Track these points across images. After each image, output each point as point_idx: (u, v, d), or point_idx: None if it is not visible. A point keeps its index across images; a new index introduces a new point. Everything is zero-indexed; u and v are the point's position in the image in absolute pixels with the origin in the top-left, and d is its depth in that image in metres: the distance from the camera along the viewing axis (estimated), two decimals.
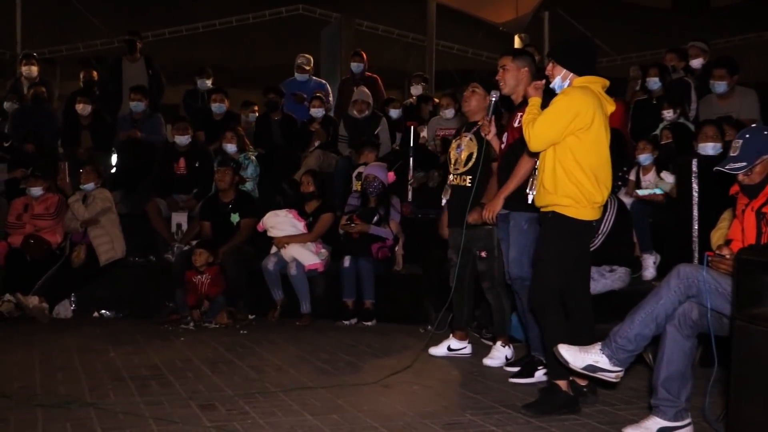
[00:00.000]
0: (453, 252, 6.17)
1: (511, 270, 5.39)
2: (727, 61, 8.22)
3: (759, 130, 4.17)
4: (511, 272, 5.38)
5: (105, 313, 8.37)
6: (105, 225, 8.44)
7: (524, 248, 5.23)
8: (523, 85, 5.30)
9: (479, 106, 5.91)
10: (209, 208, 8.59)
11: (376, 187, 8.06)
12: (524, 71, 5.39)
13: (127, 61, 10.92)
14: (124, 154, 10.13)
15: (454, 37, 19.80)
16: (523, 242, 5.26)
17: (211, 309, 7.78)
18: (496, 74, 5.42)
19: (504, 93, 5.44)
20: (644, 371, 5.13)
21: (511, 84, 5.39)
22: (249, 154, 9.42)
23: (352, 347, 6.67)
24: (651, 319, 4.07)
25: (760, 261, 3.54)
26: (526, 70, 5.40)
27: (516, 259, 5.31)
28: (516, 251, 5.32)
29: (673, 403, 4.03)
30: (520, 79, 5.37)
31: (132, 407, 4.70)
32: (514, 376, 5.44)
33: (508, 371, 5.64)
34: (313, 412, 4.59)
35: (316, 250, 8.06)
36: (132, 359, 6.14)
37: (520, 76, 5.38)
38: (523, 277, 5.21)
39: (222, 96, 10.26)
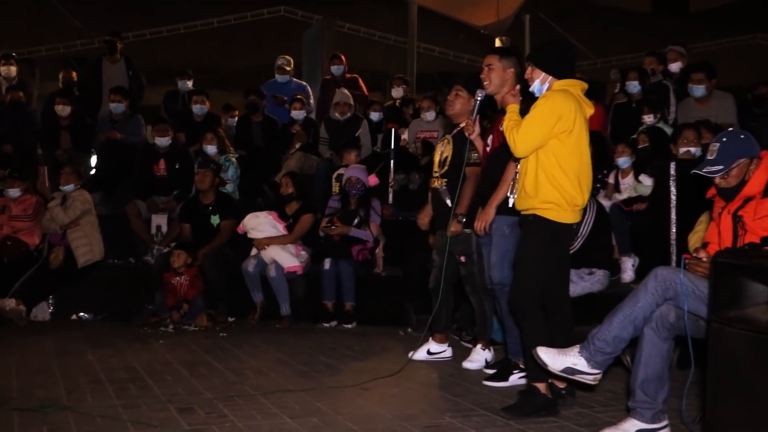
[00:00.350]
0: (436, 254, 6.18)
1: (492, 274, 5.35)
2: (705, 65, 8.28)
3: (736, 134, 4.20)
4: (493, 277, 5.34)
5: (83, 315, 8.33)
6: (84, 227, 8.39)
7: (506, 253, 5.18)
8: (508, 87, 5.21)
9: (463, 109, 5.86)
10: (189, 209, 8.56)
11: (359, 189, 8.06)
12: (510, 72, 5.29)
13: (108, 62, 10.87)
14: (103, 156, 10.07)
15: (436, 40, 19.85)
16: (505, 247, 5.21)
17: (190, 311, 7.76)
18: (480, 73, 5.37)
19: (488, 92, 5.33)
20: (622, 373, 5.16)
21: (496, 83, 5.26)
22: (229, 156, 9.40)
23: (332, 350, 6.67)
24: (629, 321, 4.08)
25: (735, 264, 3.56)
26: (512, 71, 5.29)
27: (497, 263, 5.27)
28: (497, 256, 5.28)
29: (651, 405, 4.05)
30: (506, 80, 5.27)
31: (110, 410, 4.67)
32: (488, 379, 5.45)
33: (487, 374, 5.64)
34: (293, 415, 4.58)
35: (296, 252, 8.05)
36: (110, 362, 6.11)
37: (505, 76, 5.27)
38: (504, 283, 5.17)
39: (203, 97, 10.23)
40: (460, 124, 5.82)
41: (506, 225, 5.22)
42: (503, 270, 5.19)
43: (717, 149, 4.09)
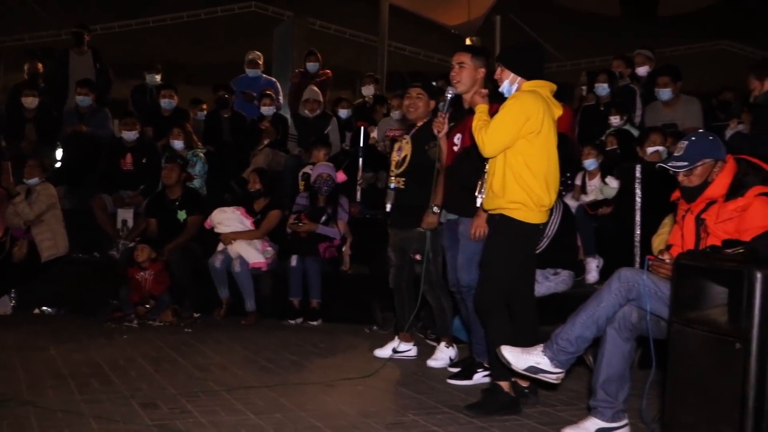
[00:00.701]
0: (391, 252, 6.20)
1: (459, 276, 5.33)
2: (670, 69, 8.36)
3: (705, 134, 4.25)
4: (460, 279, 5.32)
5: (46, 309, 8.25)
6: (48, 221, 8.31)
7: (473, 255, 5.15)
8: (478, 86, 5.20)
9: (425, 111, 5.90)
10: (156, 204, 8.51)
11: (330, 185, 8.06)
12: (481, 72, 5.28)
13: (74, 54, 10.77)
14: (69, 149, 9.99)
15: (407, 39, 19.88)
16: (473, 249, 5.17)
17: (155, 307, 7.71)
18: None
19: (459, 92, 5.30)
20: (585, 373, 5.20)
21: (467, 83, 5.25)
22: (197, 152, 9.36)
23: (298, 347, 6.66)
24: (592, 321, 4.12)
25: (697, 266, 3.61)
26: (483, 71, 5.29)
27: (464, 265, 5.27)
28: (465, 258, 5.27)
29: (611, 405, 4.10)
30: (477, 80, 5.26)
31: (71, 406, 4.63)
32: (452, 377, 5.46)
33: (451, 372, 5.66)
34: (257, 411, 4.58)
35: (262, 248, 8.03)
36: (73, 357, 6.06)
37: (476, 75, 5.27)
38: (472, 285, 5.13)
39: (171, 92, 10.17)
40: (418, 124, 5.85)
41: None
42: (471, 272, 5.18)
43: (684, 147, 4.15)
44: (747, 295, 3.27)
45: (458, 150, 5.42)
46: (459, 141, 5.42)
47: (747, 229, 3.91)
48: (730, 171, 4.12)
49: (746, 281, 3.28)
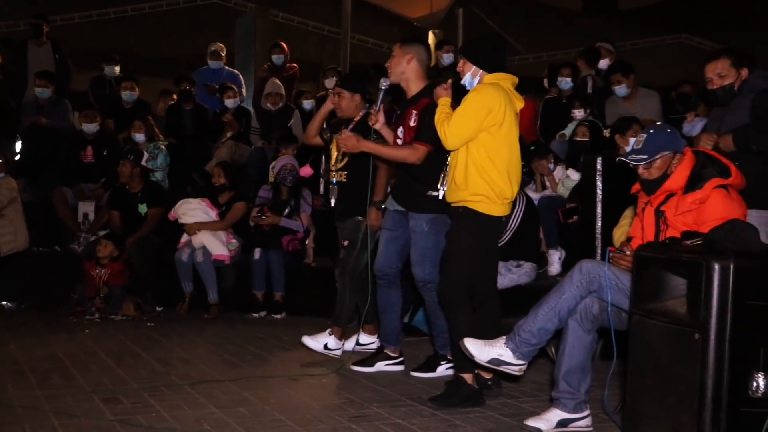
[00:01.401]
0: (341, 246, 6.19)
1: (414, 272, 5.29)
2: (620, 66, 8.44)
3: (663, 127, 4.30)
4: (415, 274, 5.29)
5: (6, 304, 8.15)
6: (9, 215, 8.18)
7: (426, 250, 5.17)
8: (411, 75, 5.22)
9: (350, 106, 5.92)
10: (117, 197, 8.45)
11: (294, 176, 8.05)
12: (409, 58, 5.21)
13: (33, 45, 10.61)
14: (28, 141, 9.86)
15: (370, 31, 19.83)
16: (425, 244, 5.18)
17: (112, 299, 7.63)
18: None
19: (391, 81, 5.27)
20: (547, 364, 5.24)
21: (396, 71, 5.23)
22: (158, 144, 9.29)
23: (261, 340, 6.65)
24: (554, 313, 4.15)
25: (656, 258, 3.66)
26: (411, 56, 5.21)
27: (418, 261, 5.24)
28: (417, 253, 5.24)
29: (573, 396, 4.14)
30: (406, 67, 5.22)
31: (31, 401, 4.59)
32: (415, 370, 5.46)
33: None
34: (219, 405, 4.56)
35: (226, 240, 8.00)
36: (33, 351, 6.00)
37: (404, 63, 5.22)
38: (427, 280, 5.16)
39: (132, 84, 10.08)
40: (355, 118, 5.86)
41: (425, 222, 5.18)
42: (425, 267, 5.18)
43: (643, 140, 4.19)
44: (705, 285, 3.32)
45: (402, 143, 5.32)
46: (402, 134, 5.33)
47: (705, 221, 3.96)
48: (688, 163, 4.17)
49: (704, 272, 3.33)
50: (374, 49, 20.35)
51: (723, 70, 4.97)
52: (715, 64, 5.00)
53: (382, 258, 5.44)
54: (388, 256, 5.42)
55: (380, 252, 5.46)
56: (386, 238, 5.45)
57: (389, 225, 5.44)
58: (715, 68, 4.99)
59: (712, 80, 5.02)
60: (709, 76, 5.01)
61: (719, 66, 4.99)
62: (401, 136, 5.34)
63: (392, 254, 5.43)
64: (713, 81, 5.02)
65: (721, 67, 4.97)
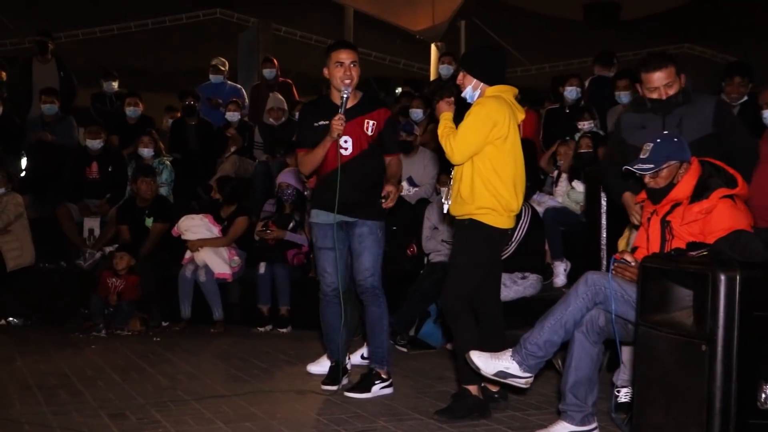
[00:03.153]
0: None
1: (364, 280, 5.21)
2: (628, 72, 8.42)
3: (670, 137, 4.30)
4: (366, 282, 5.21)
5: (12, 320, 8.15)
6: (15, 230, 8.21)
7: (378, 257, 5.19)
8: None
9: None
10: (126, 211, 8.49)
11: (290, 194, 8.06)
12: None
13: (38, 63, 10.66)
14: (34, 158, 9.90)
15: (372, 45, 19.86)
16: (377, 251, 5.19)
17: (119, 315, 7.63)
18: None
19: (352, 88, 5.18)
20: (554, 377, 5.23)
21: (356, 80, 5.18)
22: (164, 159, 9.31)
23: (267, 354, 6.65)
24: (560, 325, 4.15)
25: (662, 269, 3.66)
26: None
27: (370, 269, 5.19)
28: (371, 261, 5.19)
29: (581, 408, 4.13)
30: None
31: (39, 417, 4.59)
32: (350, 390, 5.28)
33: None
34: (226, 420, 4.56)
35: (229, 256, 8.01)
36: (40, 367, 6.00)
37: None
38: (376, 286, 5.20)
39: (136, 99, 10.12)
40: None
41: (379, 229, 5.21)
42: (376, 274, 5.21)
43: (650, 149, 4.20)
44: (712, 297, 3.31)
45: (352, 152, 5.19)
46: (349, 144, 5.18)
47: (712, 231, 3.96)
48: (694, 173, 4.17)
49: (711, 283, 3.32)
50: (376, 62, 20.38)
51: (670, 79, 4.83)
52: (662, 72, 4.71)
53: (336, 278, 5.26)
54: (342, 274, 5.28)
55: (331, 272, 5.27)
56: (333, 257, 5.25)
57: (330, 244, 5.22)
58: (662, 78, 4.72)
59: (658, 89, 4.72)
60: (656, 85, 4.71)
61: (666, 75, 4.72)
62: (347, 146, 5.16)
63: (343, 271, 5.30)
64: (660, 90, 4.72)
65: (668, 76, 4.72)
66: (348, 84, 5.10)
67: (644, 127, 4.71)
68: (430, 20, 16.26)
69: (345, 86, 5.10)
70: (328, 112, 5.14)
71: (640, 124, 4.76)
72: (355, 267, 5.27)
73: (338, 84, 5.13)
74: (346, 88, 5.11)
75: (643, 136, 4.56)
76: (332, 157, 5.14)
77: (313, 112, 5.34)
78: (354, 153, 5.16)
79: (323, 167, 5.20)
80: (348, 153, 5.15)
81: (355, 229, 5.19)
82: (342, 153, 5.12)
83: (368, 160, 5.18)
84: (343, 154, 5.12)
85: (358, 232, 5.18)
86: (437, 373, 5.91)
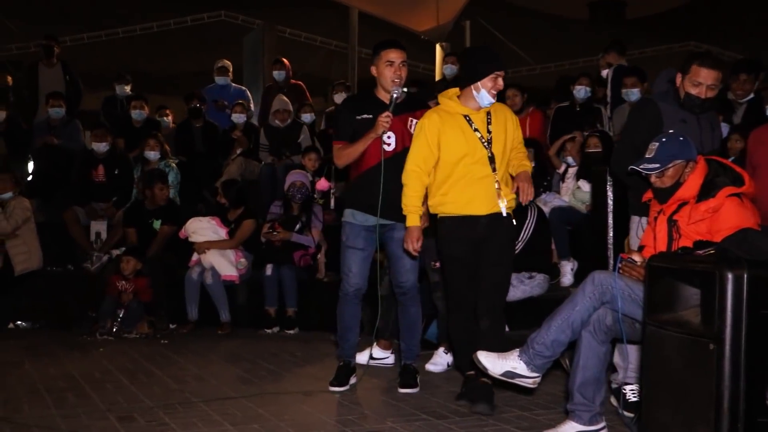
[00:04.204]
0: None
1: (406, 281, 5.27)
2: (636, 70, 8.41)
3: (676, 136, 4.29)
4: (407, 283, 5.28)
5: (21, 323, 8.17)
6: (23, 234, 8.25)
7: (417, 258, 5.23)
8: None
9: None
10: (133, 214, 8.51)
11: (304, 193, 8.07)
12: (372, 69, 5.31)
13: (44, 66, 10.69)
14: (40, 161, 9.93)
15: None
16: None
17: (129, 318, 7.64)
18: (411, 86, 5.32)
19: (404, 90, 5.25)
20: (561, 376, 5.22)
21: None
22: (170, 162, 9.33)
23: (274, 356, 6.65)
24: (567, 325, 4.15)
25: (669, 268, 3.65)
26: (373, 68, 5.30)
27: (410, 269, 5.25)
28: (412, 261, 5.23)
29: (588, 408, 4.12)
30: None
31: (47, 421, 4.60)
32: (402, 387, 5.38)
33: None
34: (234, 422, 4.57)
35: (235, 259, 8.02)
36: (48, 371, 6.02)
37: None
38: (416, 287, 5.31)
39: (142, 102, 10.14)
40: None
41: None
42: (416, 275, 5.31)
43: (656, 149, 4.19)
44: (719, 296, 3.30)
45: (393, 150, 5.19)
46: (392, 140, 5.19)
47: (719, 230, 3.95)
48: (701, 172, 4.17)
49: (718, 282, 3.31)
50: None
51: (717, 83, 4.64)
52: (715, 73, 4.61)
53: (360, 279, 5.30)
54: (365, 275, 5.32)
55: (356, 272, 5.28)
56: (361, 257, 5.29)
57: (362, 245, 5.27)
58: (712, 78, 4.60)
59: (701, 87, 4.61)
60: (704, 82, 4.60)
61: (716, 77, 4.61)
62: (390, 142, 5.19)
63: (366, 272, 5.34)
64: (702, 89, 4.62)
65: (717, 79, 4.61)
66: (398, 83, 5.14)
67: (685, 122, 4.66)
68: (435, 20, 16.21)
69: (395, 85, 5.14)
70: (373, 108, 5.17)
71: (680, 118, 4.68)
72: (395, 269, 5.30)
73: (387, 83, 5.17)
74: (396, 88, 5.14)
75: (685, 130, 4.49)
76: (373, 153, 5.15)
77: (356, 106, 5.36)
78: (397, 149, 5.17)
79: (363, 163, 5.21)
80: (391, 149, 5.17)
81: (394, 233, 5.20)
82: (385, 149, 5.14)
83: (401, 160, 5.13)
84: (385, 150, 5.14)
85: (397, 236, 5.15)
86: (445, 374, 5.91)
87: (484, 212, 4.76)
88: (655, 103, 4.78)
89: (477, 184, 4.75)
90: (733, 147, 6.94)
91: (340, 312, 5.45)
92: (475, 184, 4.75)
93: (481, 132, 4.76)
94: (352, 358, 5.50)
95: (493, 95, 4.74)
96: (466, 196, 4.75)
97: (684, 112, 4.70)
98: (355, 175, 5.31)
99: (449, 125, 4.77)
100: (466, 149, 4.73)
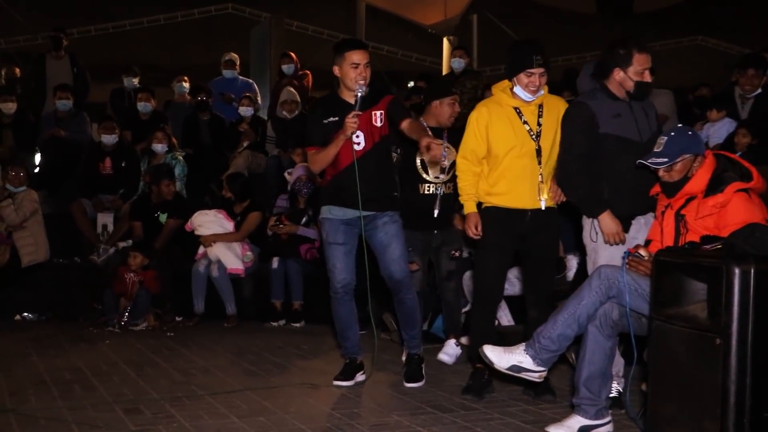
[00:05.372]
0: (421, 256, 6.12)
1: (395, 272, 5.21)
2: None
3: (684, 130, 4.29)
4: (397, 273, 5.21)
5: (27, 315, 8.20)
6: (30, 226, 8.26)
7: (405, 246, 5.25)
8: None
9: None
10: (140, 207, 8.52)
11: (309, 187, 8.07)
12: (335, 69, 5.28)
13: (51, 59, 10.69)
14: (47, 154, 9.94)
15: (384, 39, 19.82)
16: (403, 238, 5.24)
17: (136, 310, 7.65)
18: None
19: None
20: (568, 370, 5.23)
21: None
22: (176, 154, 9.33)
23: (280, 349, 6.66)
24: (573, 319, 4.15)
25: (676, 262, 3.65)
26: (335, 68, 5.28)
27: (399, 259, 5.21)
28: (399, 251, 5.20)
29: (594, 402, 4.12)
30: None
31: (54, 412, 4.62)
32: (408, 381, 5.36)
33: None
34: (240, 414, 4.57)
35: (242, 252, 8.02)
36: (55, 363, 6.04)
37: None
38: (408, 276, 5.28)
39: (148, 95, 10.13)
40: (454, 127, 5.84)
41: (399, 217, 5.25)
42: (405, 264, 5.28)
43: (664, 143, 4.19)
44: (726, 290, 3.31)
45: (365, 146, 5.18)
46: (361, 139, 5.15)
47: (726, 225, 3.94)
48: (709, 166, 4.16)
49: (725, 277, 3.31)
50: (388, 56, 20.33)
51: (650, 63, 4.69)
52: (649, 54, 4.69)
53: (347, 273, 5.26)
54: (351, 270, 5.28)
55: (341, 268, 5.24)
56: (343, 252, 5.24)
57: (342, 239, 5.22)
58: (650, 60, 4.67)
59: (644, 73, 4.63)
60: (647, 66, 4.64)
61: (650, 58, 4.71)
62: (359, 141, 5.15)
63: (352, 267, 5.29)
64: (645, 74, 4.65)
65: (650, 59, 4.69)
66: (362, 84, 5.09)
67: (619, 115, 4.57)
68: (442, 14, 16.21)
69: (359, 86, 5.09)
70: (339, 109, 5.13)
71: (614, 113, 4.57)
72: (385, 258, 5.23)
73: (352, 83, 5.12)
74: (360, 87, 5.09)
75: (622, 123, 4.51)
76: (345, 153, 5.12)
77: (323, 109, 5.31)
78: (367, 147, 5.16)
79: (336, 164, 5.18)
80: (361, 147, 5.14)
81: (377, 221, 5.18)
82: (355, 148, 5.11)
83: (380, 153, 5.20)
84: (356, 149, 5.11)
85: (381, 222, 5.17)
86: (450, 367, 5.91)
87: (529, 206, 4.82)
88: (585, 104, 4.65)
89: (523, 177, 4.80)
90: (740, 142, 6.91)
91: (335, 312, 5.44)
92: (521, 177, 4.80)
93: (530, 125, 4.79)
94: (357, 355, 5.47)
95: (531, 91, 4.75)
96: (512, 189, 4.81)
97: (617, 105, 4.59)
98: (328, 178, 5.29)
99: (498, 117, 4.82)
100: (514, 141, 4.77)
